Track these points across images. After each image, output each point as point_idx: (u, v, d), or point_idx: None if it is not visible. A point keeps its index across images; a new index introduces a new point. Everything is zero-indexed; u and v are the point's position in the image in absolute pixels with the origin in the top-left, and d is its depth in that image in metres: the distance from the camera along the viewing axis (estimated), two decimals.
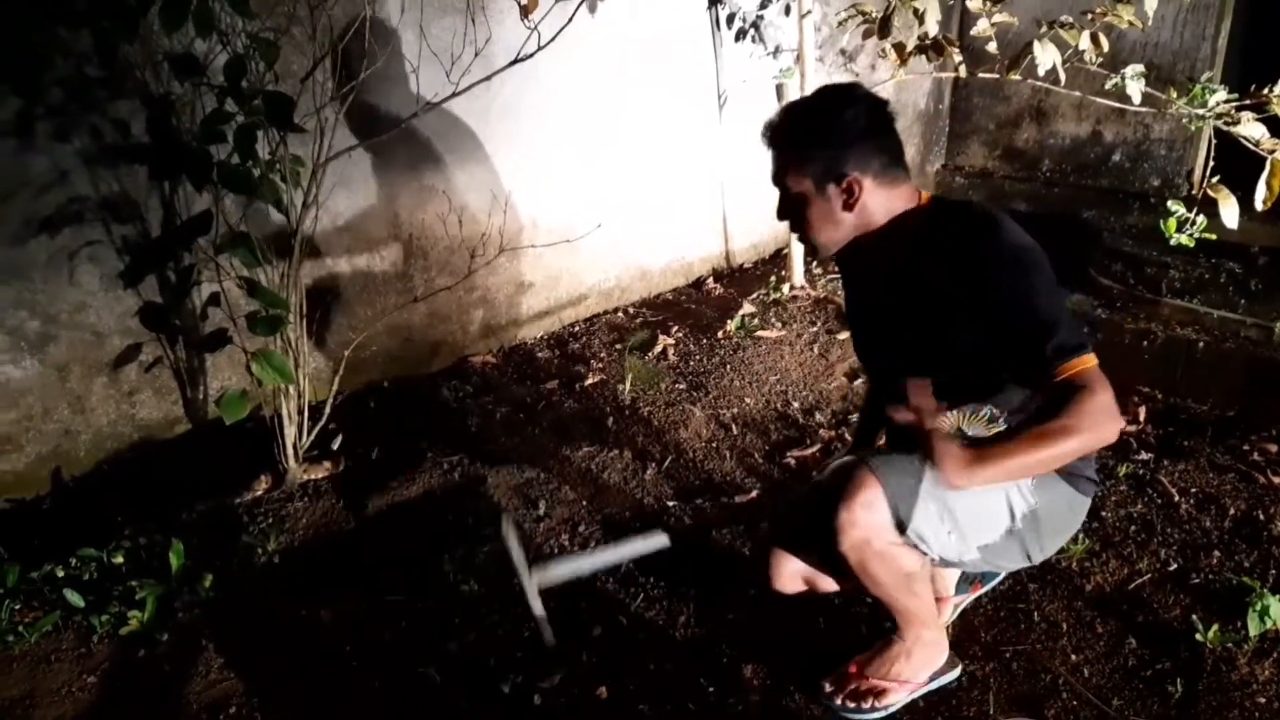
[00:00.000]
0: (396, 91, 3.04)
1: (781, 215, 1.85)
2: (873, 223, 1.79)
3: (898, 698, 1.94)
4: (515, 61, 2.65)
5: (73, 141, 2.52)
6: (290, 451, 2.69)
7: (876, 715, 1.93)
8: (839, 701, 1.94)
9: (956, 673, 2.01)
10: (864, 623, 2.17)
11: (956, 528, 1.76)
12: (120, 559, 2.44)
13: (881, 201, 1.77)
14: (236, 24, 2.26)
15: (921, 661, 1.96)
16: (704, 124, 4.17)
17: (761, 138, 1.82)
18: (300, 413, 2.68)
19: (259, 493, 2.72)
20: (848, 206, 1.76)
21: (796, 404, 3.23)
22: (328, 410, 2.79)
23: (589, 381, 3.42)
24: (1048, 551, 1.88)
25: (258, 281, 2.34)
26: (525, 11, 2.59)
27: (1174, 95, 3.18)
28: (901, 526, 1.73)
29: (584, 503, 2.70)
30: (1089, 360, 1.61)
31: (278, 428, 2.65)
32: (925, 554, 1.79)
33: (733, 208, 4.43)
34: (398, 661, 2.14)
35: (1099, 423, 1.58)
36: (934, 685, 1.98)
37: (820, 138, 1.74)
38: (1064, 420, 1.57)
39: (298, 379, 2.58)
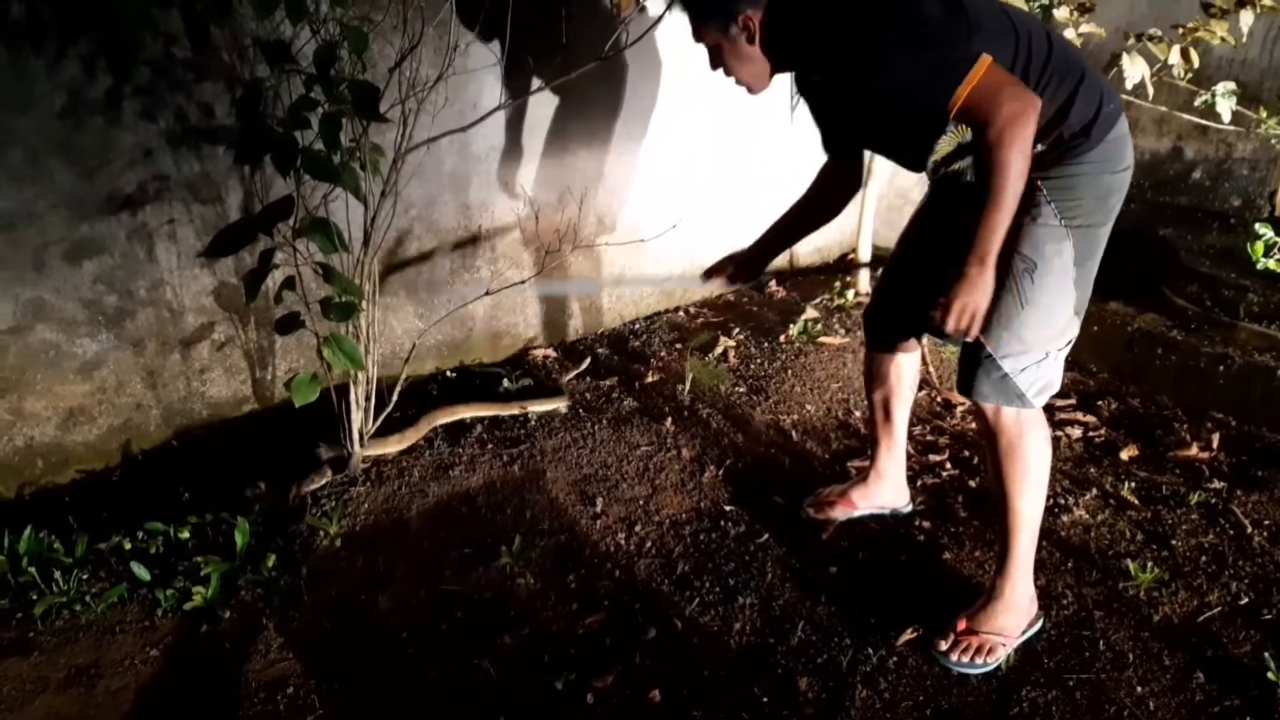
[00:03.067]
0: (476, 84, 3.05)
1: (713, 67, 2.10)
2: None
3: (1004, 652, 2.10)
4: (598, 61, 2.64)
5: (159, 121, 2.56)
6: (356, 436, 2.71)
7: (988, 669, 2.08)
8: (955, 657, 2.10)
9: (1040, 624, 2.18)
10: (924, 657, 2.14)
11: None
12: (186, 534, 2.48)
13: None
14: (325, 11, 2.28)
15: (1021, 615, 2.14)
16: (774, 125, 4.13)
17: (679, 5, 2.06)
18: (368, 398, 2.70)
19: (324, 476, 2.74)
20: (751, 41, 1.96)
21: (859, 413, 3.19)
22: (395, 397, 2.81)
23: (648, 380, 3.42)
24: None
25: (333, 267, 2.36)
26: (618, 10, 2.58)
27: (1263, 114, 3.09)
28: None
29: (641, 502, 2.70)
30: (972, 79, 1.72)
31: (344, 412, 2.67)
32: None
33: None
34: (453, 652, 2.15)
35: (1010, 123, 1.71)
36: (1027, 636, 2.15)
37: None
38: (990, 156, 1.74)
39: (367, 365, 2.60)
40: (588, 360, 3.55)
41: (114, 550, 2.44)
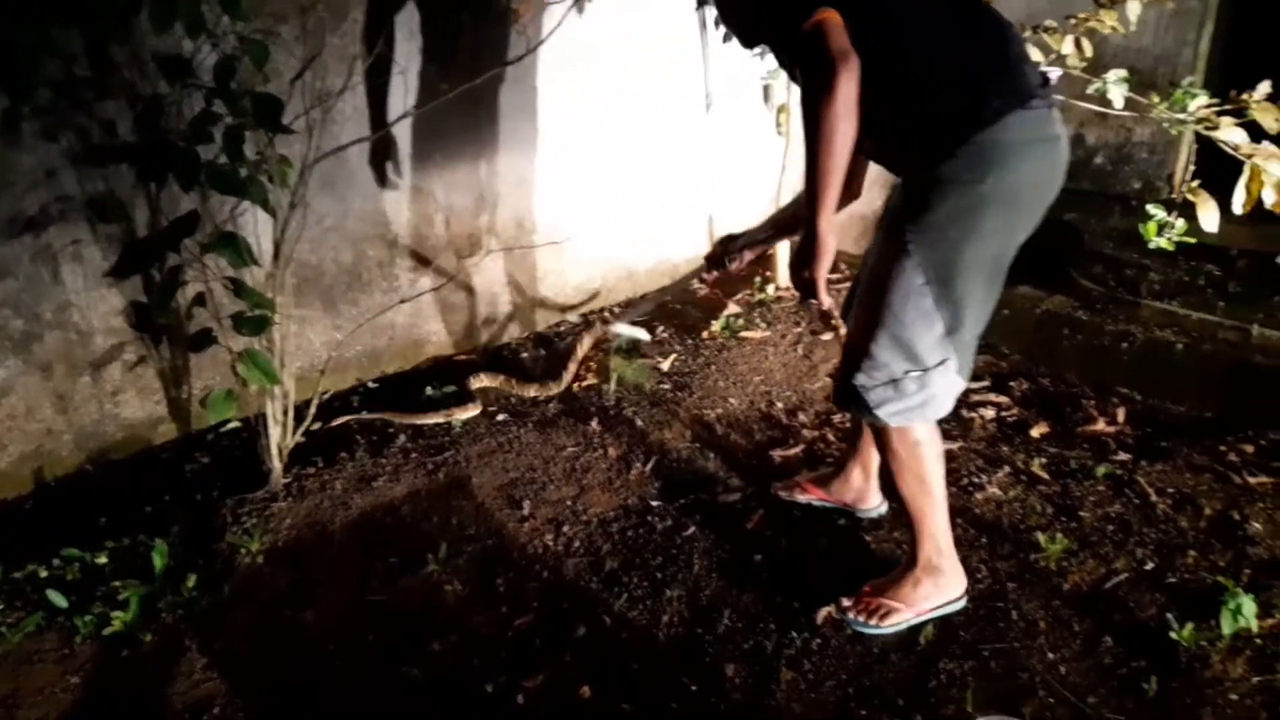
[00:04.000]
0: (384, 92, 3.04)
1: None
2: None
3: (903, 618, 2.16)
4: (505, 65, 2.66)
5: (60, 141, 2.52)
6: (275, 452, 2.69)
7: (880, 631, 2.16)
8: (852, 615, 2.19)
9: (962, 604, 2.21)
10: (846, 638, 2.19)
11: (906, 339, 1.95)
12: (104, 559, 2.45)
13: None
14: (225, 24, 2.26)
15: (930, 590, 2.18)
16: (691, 124, 4.18)
17: None
18: (285, 412, 2.68)
19: (243, 493, 2.72)
20: None
21: (780, 404, 3.25)
22: (313, 410, 2.79)
23: (572, 382, 3.43)
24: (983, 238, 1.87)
25: (243, 282, 2.34)
26: (517, 16, 2.60)
27: (1155, 100, 3.20)
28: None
29: (568, 503, 2.71)
30: (817, 15, 1.71)
31: (262, 428, 2.65)
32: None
33: (719, 208, 4.44)
34: (381, 662, 2.14)
35: (816, 84, 1.70)
36: (939, 613, 2.19)
37: None
38: (803, 112, 1.76)
39: (282, 379, 2.58)
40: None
41: (29, 579, 2.40)
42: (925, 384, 1.99)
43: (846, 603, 2.22)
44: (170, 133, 2.48)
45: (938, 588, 2.19)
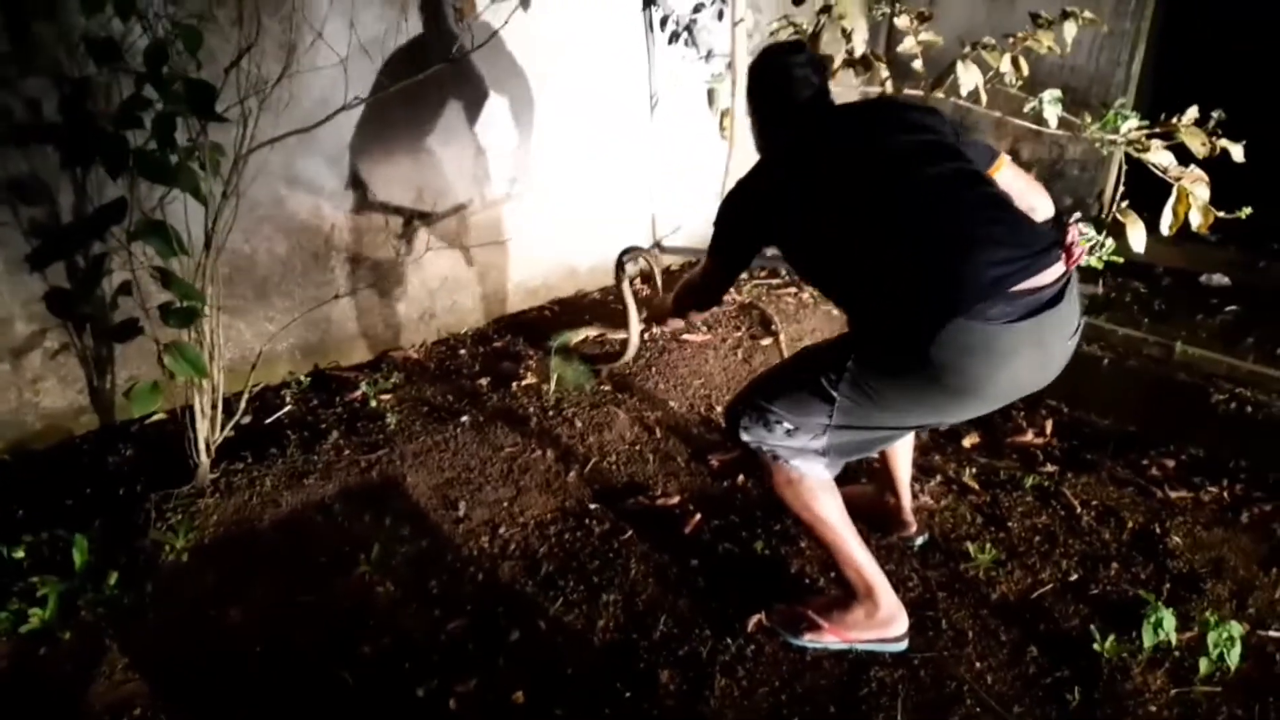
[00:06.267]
0: (323, 83, 2.97)
1: None
2: None
3: (826, 639, 2.14)
4: (447, 61, 2.62)
5: None
6: (202, 446, 2.62)
7: (800, 643, 2.15)
8: (776, 622, 2.20)
9: (901, 646, 2.14)
10: (780, 645, 2.19)
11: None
12: (21, 554, 2.36)
13: None
14: (158, 6, 2.19)
15: (860, 619, 2.13)
16: (635, 125, 4.18)
17: None
18: (214, 407, 2.61)
19: (169, 488, 2.64)
20: None
21: (719, 408, 3.26)
22: (243, 404, 2.73)
23: (511, 381, 3.41)
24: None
25: (172, 272, 2.26)
26: (460, 15, 2.57)
27: (1088, 120, 3.28)
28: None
29: (505, 504, 2.69)
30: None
31: (190, 422, 2.58)
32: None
33: (662, 208, 4.45)
34: (310, 664, 2.10)
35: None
36: (871, 648, 2.14)
37: None
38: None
39: (211, 372, 2.51)
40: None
41: None
42: (792, 436, 2.05)
43: (775, 610, 2.23)
44: (99, 117, 2.40)
45: (870, 619, 2.12)
